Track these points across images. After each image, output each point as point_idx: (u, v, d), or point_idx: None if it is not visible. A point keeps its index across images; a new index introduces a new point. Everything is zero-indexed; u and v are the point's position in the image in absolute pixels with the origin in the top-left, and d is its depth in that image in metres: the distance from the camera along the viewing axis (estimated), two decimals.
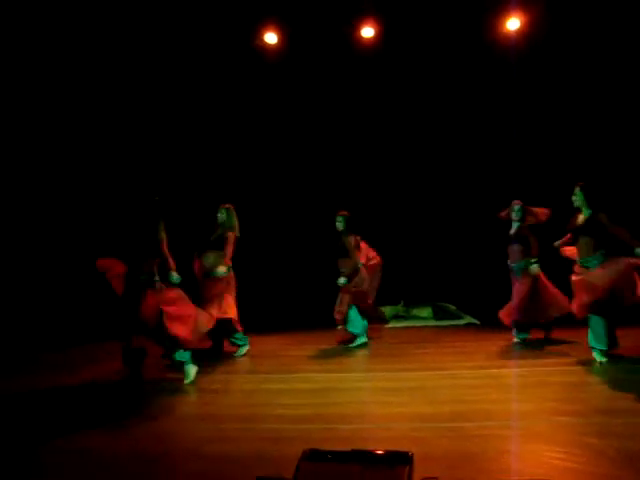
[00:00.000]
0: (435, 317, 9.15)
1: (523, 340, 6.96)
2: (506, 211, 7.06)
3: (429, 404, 4.52)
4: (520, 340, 6.97)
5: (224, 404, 4.82)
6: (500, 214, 7.11)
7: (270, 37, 8.79)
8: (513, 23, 8.45)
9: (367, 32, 8.75)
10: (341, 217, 7.31)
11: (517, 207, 6.96)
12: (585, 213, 5.77)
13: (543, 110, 8.97)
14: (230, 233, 6.83)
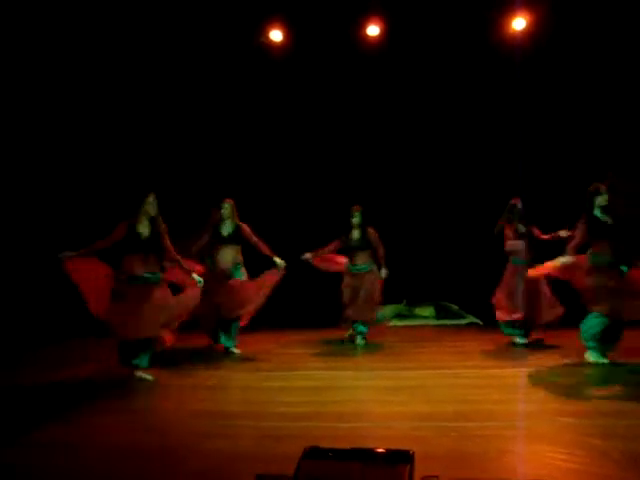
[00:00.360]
0: (437, 316, 9.14)
1: (524, 344, 6.95)
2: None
3: (430, 403, 4.50)
4: (521, 342, 6.96)
5: (225, 401, 4.81)
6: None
7: (275, 34, 8.77)
8: (519, 23, 8.42)
9: (372, 30, 8.73)
10: (358, 212, 7.35)
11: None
12: None
13: (548, 110, 8.93)
14: (245, 225, 6.90)
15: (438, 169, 9.52)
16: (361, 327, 7.34)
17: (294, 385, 5.42)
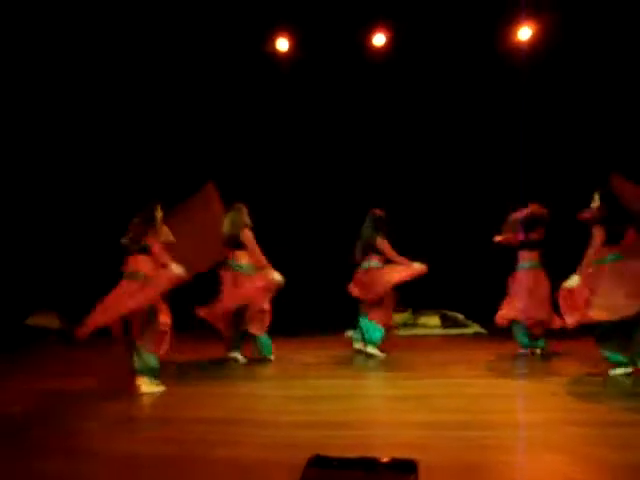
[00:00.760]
0: (443, 326, 9.13)
1: (532, 352, 6.92)
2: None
3: (436, 412, 4.51)
4: (528, 350, 6.94)
5: (232, 408, 4.82)
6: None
7: (282, 43, 8.83)
8: (525, 33, 8.46)
9: (379, 40, 8.78)
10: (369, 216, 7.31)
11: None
12: None
13: (554, 119, 8.95)
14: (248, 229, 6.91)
15: (444, 177, 9.54)
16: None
17: (299, 394, 5.43)
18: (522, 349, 6.98)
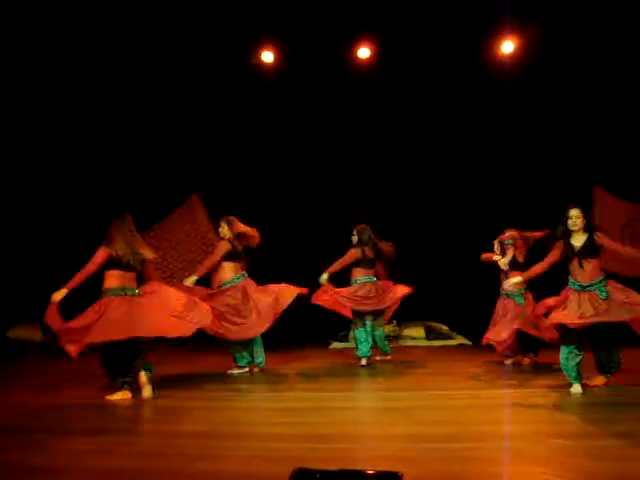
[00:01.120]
0: (427, 337, 9.14)
1: (518, 363, 6.95)
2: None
3: (420, 424, 4.48)
4: (511, 362, 6.97)
5: (214, 422, 4.76)
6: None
7: (267, 56, 8.85)
8: (508, 46, 8.54)
9: (363, 53, 8.83)
10: (361, 229, 7.33)
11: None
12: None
13: (536, 132, 9.03)
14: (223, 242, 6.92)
15: (427, 189, 9.58)
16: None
17: (283, 406, 5.39)
18: (507, 360, 7.00)
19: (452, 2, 8.25)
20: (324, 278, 7.12)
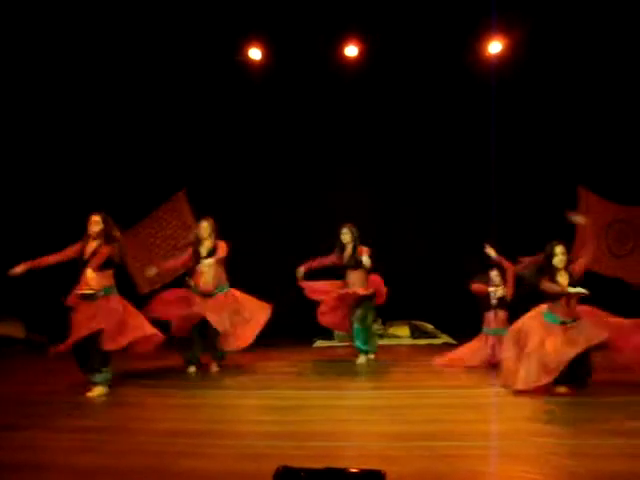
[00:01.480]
0: (412, 336, 9.16)
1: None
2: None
3: (404, 423, 4.50)
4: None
5: (198, 419, 4.75)
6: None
7: (254, 53, 8.82)
8: (495, 46, 8.58)
9: (351, 51, 8.83)
10: (346, 229, 7.19)
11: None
12: None
13: (523, 132, 9.08)
14: (222, 243, 6.86)
15: (414, 189, 9.60)
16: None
17: (267, 404, 5.40)
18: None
19: (439, 2, 8.27)
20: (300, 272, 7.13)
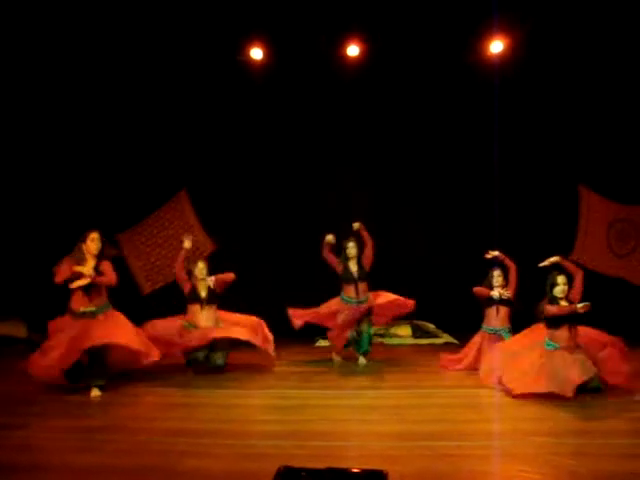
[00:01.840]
0: (414, 336, 9.15)
1: None
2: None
3: (405, 423, 4.51)
4: None
5: (200, 419, 4.77)
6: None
7: (256, 53, 8.82)
8: (496, 46, 8.57)
9: (352, 51, 8.83)
10: (353, 243, 7.18)
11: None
12: None
13: (525, 132, 9.07)
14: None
15: (416, 188, 9.58)
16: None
17: (269, 403, 5.41)
18: None
19: (441, 2, 8.26)
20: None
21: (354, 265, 7.18)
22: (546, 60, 8.64)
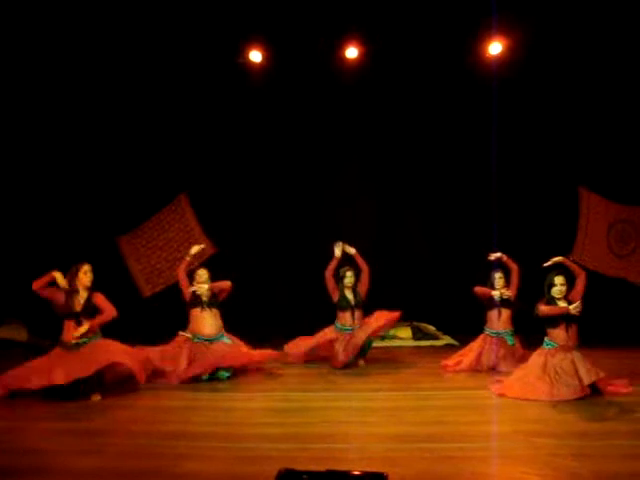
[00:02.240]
0: (414, 337, 9.13)
1: None
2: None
3: (405, 425, 4.51)
4: None
5: (200, 422, 4.76)
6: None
7: (255, 55, 8.82)
8: (495, 48, 8.58)
9: (351, 53, 8.83)
10: (351, 272, 7.22)
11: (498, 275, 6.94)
12: None
13: (524, 133, 9.07)
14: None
15: (415, 190, 9.58)
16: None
17: (269, 406, 5.40)
18: None
19: (440, 3, 8.26)
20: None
21: (350, 293, 7.26)
22: (545, 61, 8.64)
